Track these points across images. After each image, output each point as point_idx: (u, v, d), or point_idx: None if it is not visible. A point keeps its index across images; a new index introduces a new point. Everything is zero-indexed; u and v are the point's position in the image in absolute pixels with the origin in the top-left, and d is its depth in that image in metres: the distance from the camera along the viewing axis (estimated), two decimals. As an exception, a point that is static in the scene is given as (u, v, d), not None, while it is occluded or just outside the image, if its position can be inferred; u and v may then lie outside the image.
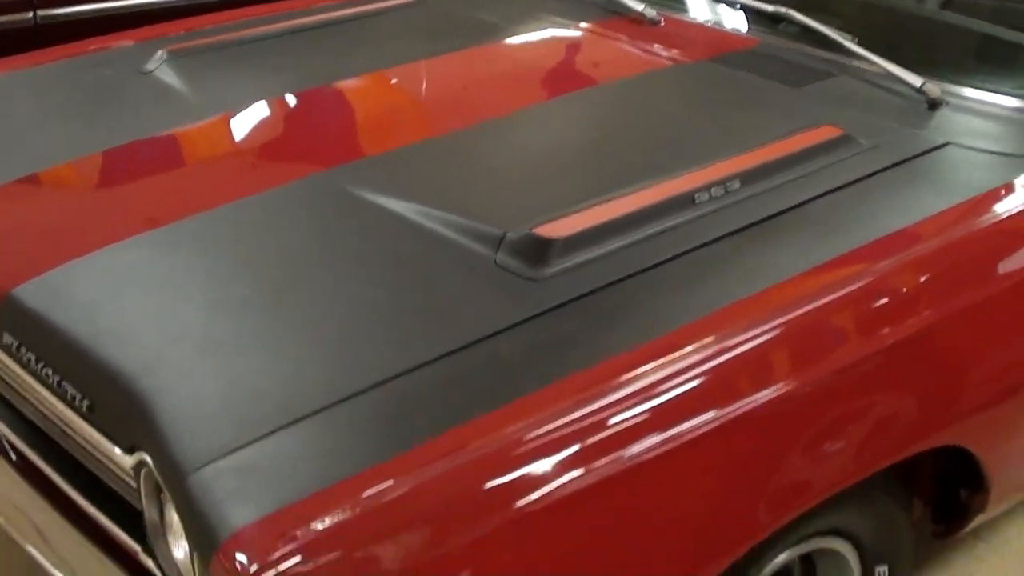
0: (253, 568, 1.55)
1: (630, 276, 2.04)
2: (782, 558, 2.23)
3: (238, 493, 1.66)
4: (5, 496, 2.39)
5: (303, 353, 1.91)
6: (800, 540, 2.24)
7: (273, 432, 1.75)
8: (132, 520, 2.01)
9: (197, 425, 1.79)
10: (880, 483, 2.33)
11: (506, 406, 1.78)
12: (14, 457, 2.42)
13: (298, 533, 1.58)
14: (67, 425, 2.07)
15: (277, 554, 1.57)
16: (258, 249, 2.20)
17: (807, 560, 2.46)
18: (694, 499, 1.89)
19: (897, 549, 2.46)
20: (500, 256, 2.07)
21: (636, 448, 1.80)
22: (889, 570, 2.47)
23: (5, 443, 2.43)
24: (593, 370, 1.84)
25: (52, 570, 2.21)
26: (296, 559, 1.57)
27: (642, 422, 1.82)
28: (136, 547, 2.00)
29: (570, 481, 1.75)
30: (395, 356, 1.87)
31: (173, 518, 1.87)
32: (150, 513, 1.93)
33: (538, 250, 2.05)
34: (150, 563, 2.00)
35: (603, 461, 1.78)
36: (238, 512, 1.62)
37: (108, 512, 2.08)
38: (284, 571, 1.56)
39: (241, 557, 1.57)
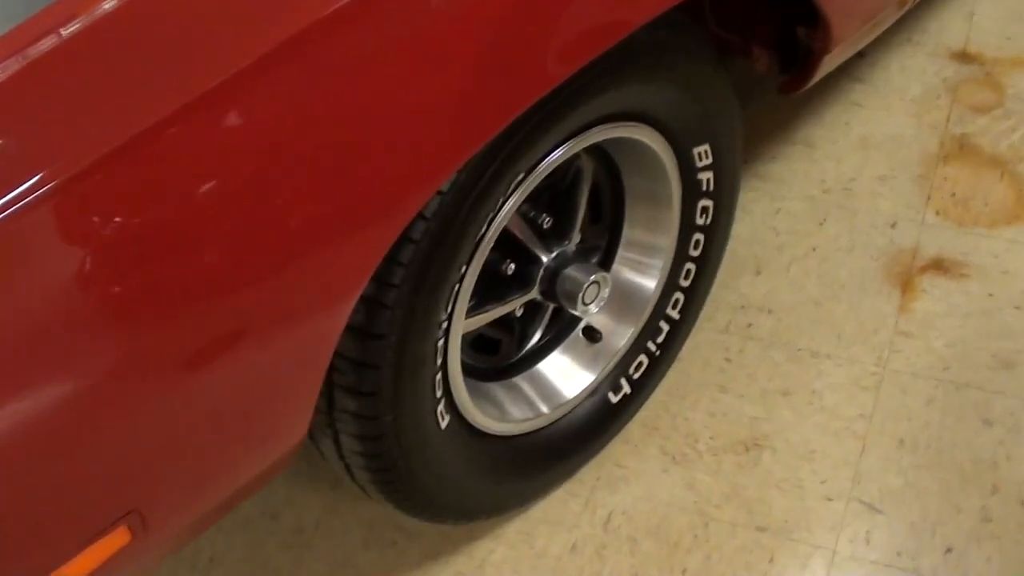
0: None
1: None
2: (558, 154, 1.65)
3: None
4: None
5: None
6: (578, 130, 1.66)
7: None
8: None
9: None
10: (683, 37, 1.73)
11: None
12: None
13: None
14: None
15: None
16: None
17: (607, 163, 1.89)
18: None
19: (716, 121, 1.87)
20: None
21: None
22: (712, 148, 1.90)
23: None
24: None
25: None
26: None
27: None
28: None
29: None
30: None
31: None
32: None
33: None
34: None
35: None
36: None
37: None
38: None
39: None
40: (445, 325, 1.64)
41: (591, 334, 2.00)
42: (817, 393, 2.13)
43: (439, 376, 1.68)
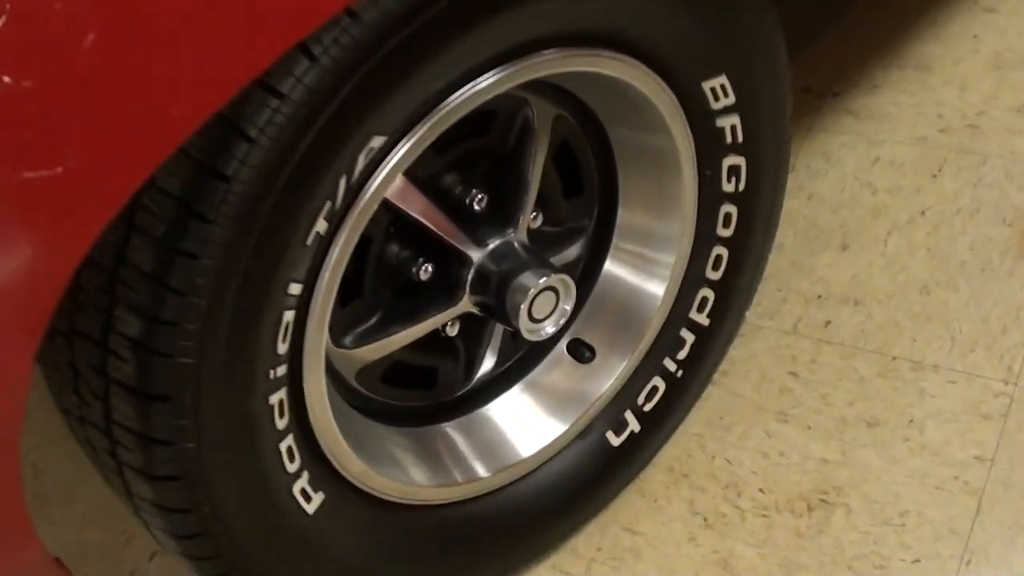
0: None
1: None
2: (467, 94, 1.09)
3: None
4: None
5: None
6: (488, 63, 1.09)
7: None
8: None
9: None
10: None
11: None
12: None
13: None
14: None
15: None
16: None
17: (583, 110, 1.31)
18: None
19: (733, 40, 1.26)
20: None
21: None
22: (733, 81, 1.28)
23: None
24: None
25: None
26: None
27: None
28: None
29: None
30: None
31: None
32: None
33: None
34: None
35: None
36: None
37: None
38: None
39: None
40: (283, 370, 1.08)
41: (579, 351, 1.42)
42: (916, 424, 1.50)
43: (289, 443, 1.12)
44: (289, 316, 1.05)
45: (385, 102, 1.00)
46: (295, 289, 1.04)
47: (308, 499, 1.17)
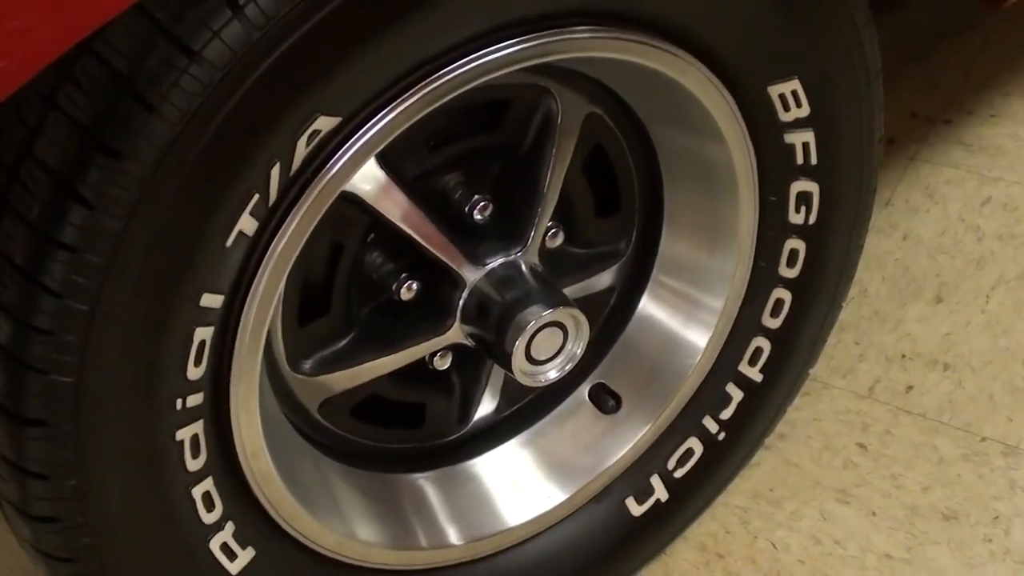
0: None
1: None
2: (489, 63, 0.89)
3: None
4: None
5: None
6: (532, 27, 0.90)
7: None
8: None
9: None
10: None
11: None
12: None
13: None
14: None
15: None
16: None
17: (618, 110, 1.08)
18: None
19: (811, 35, 1.02)
20: None
21: None
22: (807, 88, 1.05)
23: None
24: None
25: None
26: None
27: None
28: None
29: None
30: None
31: None
32: None
33: None
34: None
35: None
36: None
37: None
38: None
39: None
40: (197, 400, 0.87)
41: (602, 399, 1.19)
42: (1002, 523, 1.25)
43: (206, 488, 0.91)
44: (204, 334, 0.84)
45: (336, 72, 0.78)
46: (211, 301, 0.83)
47: (232, 556, 0.96)
